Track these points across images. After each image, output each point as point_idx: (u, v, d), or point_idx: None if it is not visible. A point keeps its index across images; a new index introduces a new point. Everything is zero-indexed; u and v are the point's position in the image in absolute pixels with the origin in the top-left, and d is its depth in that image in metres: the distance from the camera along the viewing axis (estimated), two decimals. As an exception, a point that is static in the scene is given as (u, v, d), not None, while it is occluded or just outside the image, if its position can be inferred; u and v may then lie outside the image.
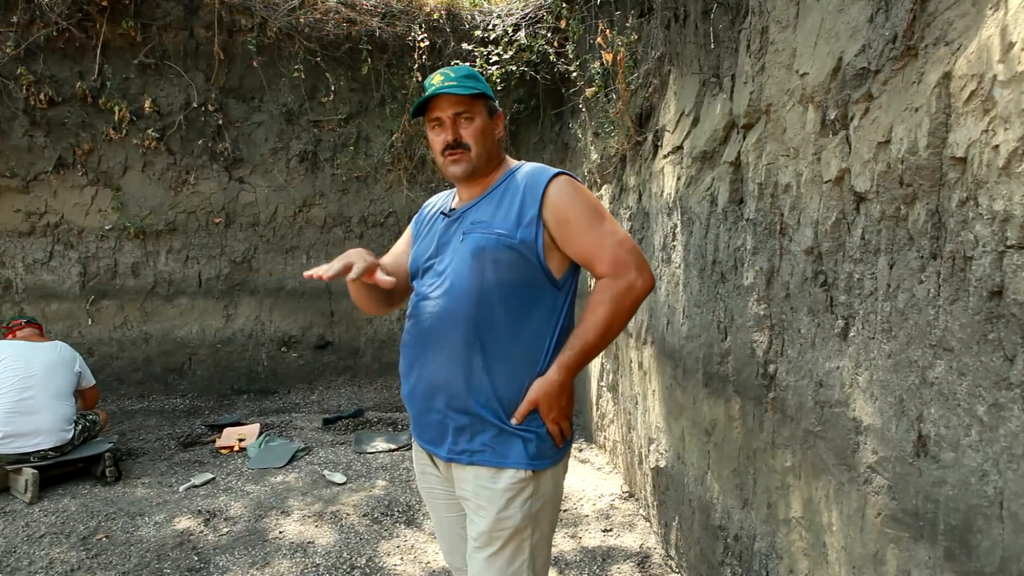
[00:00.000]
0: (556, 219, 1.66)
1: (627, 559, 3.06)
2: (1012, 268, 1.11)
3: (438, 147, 1.74)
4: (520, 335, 1.67)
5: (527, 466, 1.65)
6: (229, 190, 6.05)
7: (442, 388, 1.69)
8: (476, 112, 1.73)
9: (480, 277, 1.65)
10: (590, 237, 1.65)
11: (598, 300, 1.64)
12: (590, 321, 1.65)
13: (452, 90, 1.68)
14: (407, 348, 1.78)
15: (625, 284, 1.63)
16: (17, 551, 3.18)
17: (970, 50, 1.19)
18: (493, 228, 1.67)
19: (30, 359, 3.96)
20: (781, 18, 1.90)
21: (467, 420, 1.67)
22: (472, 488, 1.68)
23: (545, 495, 1.69)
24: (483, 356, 1.65)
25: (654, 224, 3.17)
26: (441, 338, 1.68)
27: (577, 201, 1.68)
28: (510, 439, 1.65)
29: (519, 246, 1.65)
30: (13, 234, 5.77)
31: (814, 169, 1.73)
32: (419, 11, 5.82)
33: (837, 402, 1.66)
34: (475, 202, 1.76)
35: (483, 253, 1.65)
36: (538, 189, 1.68)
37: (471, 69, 1.79)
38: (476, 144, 1.72)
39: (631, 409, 3.67)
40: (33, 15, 5.30)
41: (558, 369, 1.65)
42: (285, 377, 6.22)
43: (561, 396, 1.66)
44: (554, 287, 1.70)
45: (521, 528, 1.65)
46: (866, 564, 1.54)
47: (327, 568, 3.02)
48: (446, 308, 1.68)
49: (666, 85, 3.00)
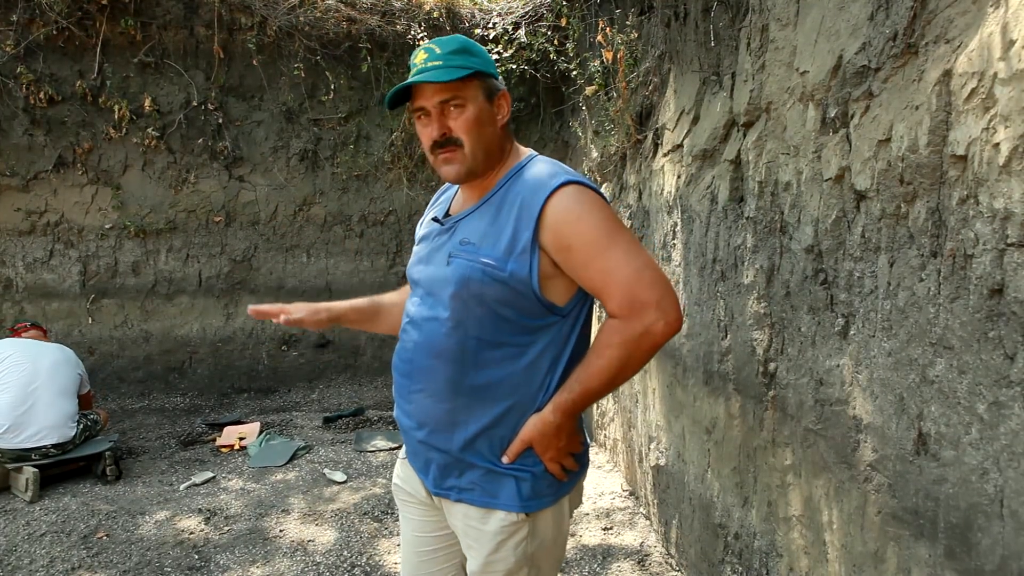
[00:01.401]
0: (556, 245, 1.37)
1: (627, 557, 3.06)
2: (1012, 266, 1.11)
3: (426, 143, 1.46)
4: (514, 373, 1.44)
5: (519, 508, 1.44)
6: (229, 189, 6.04)
7: (425, 425, 1.51)
8: (468, 97, 1.41)
9: (464, 311, 1.41)
10: (598, 267, 1.36)
11: (606, 343, 1.38)
12: (594, 366, 1.39)
13: (435, 76, 1.37)
14: (396, 373, 1.59)
15: (641, 328, 1.34)
16: (18, 550, 3.18)
17: (971, 48, 1.19)
18: (479, 256, 1.40)
19: (36, 356, 4.00)
20: (781, 16, 1.90)
21: (451, 460, 1.49)
22: (461, 526, 1.52)
23: (543, 536, 1.49)
24: (470, 397, 1.44)
25: (654, 222, 3.16)
26: (424, 374, 1.49)
27: (582, 222, 1.36)
28: (500, 479, 1.45)
29: (509, 280, 1.37)
30: (13, 233, 5.77)
31: (814, 167, 1.73)
32: (419, 9, 5.81)
33: (837, 400, 1.66)
34: (469, 211, 1.49)
35: (467, 286, 1.39)
36: (535, 206, 1.37)
37: (464, 40, 1.46)
38: (470, 138, 1.42)
39: (631, 407, 3.67)
40: (33, 14, 5.30)
41: (554, 411, 1.42)
42: (285, 376, 6.22)
43: (559, 436, 1.44)
44: (558, 315, 1.44)
45: (514, 571, 1.48)
46: (866, 562, 1.54)
47: (327, 567, 3.02)
48: (427, 340, 1.47)
49: (666, 83, 3.00)
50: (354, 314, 1.74)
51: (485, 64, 1.46)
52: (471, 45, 1.46)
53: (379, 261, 6.23)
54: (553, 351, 1.45)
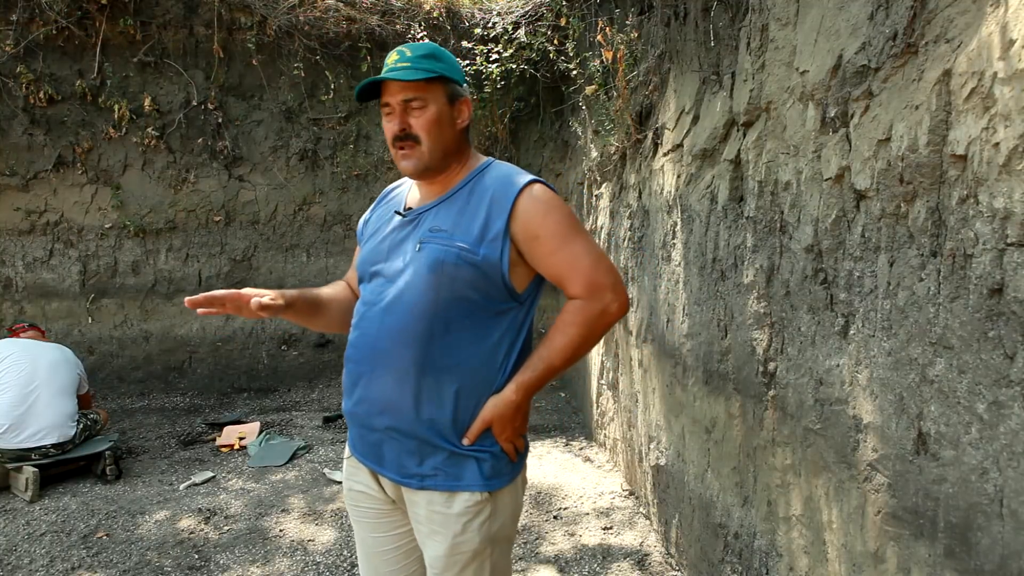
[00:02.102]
0: (525, 235, 1.51)
1: (627, 557, 3.07)
2: (1012, 266, 1.11)
3: (388, 137, 1.57)
4: (476, 354, 1.53)
5: (483, 488, 1.53)
6: (229, 188, 6.05)
7: (388, 410, 1.55)
8: (430, 98, 1.52)
9: (436, 293, 1.49)
10: (562, 256, 1.52)
11: (569, 321, 1.53)
12: (558, 343, 1.53)
13: (401, 75, 1.49)
14: (352, 362, 1.62)
15: (600, 307, 1.52)
16: (18, 549, 3.18)
17: (970, 47, 1.19)
18: (454, 240, 1.50)
19: (35, 356, 4.01)
20: (781, 15, 1.90)
21: (414, 444, 1.54)
22: (425, 513, 1.56)
23: (504, 514, 1.58)
24: (435, 378, 1.51)
25: (654, 222, 3.16)
26: (389, 356, 1.53)
27: (550, 216, 1.52)
28: (463, 461, 1.53)
29: (481, 263, 1.49)
30: (13, 232, 5.77)
31: (814, 167, 1.73)
32: (419, 9, 5.81)
33: (837, 400, 1.66)
34: (435, 203, 1.59)
35: (441, 268, 1.49)
36: (507, 200, 1.51)
37: (434, 46, 1.59)
38: (428, 136, 1.52)
39: (631, 407, 3.67)
40: (33, 13, 5.30)
41: (516, 389, 1.52)
42: (285, 375, 6.22)
43: (516, 417, 1.54)
44: (516, 302, 1.56)
45: (480, 550, 1.55)
46: (866, 562, 1.55)
47: (327, 566, 3.03)
48: (396, 324, 1.52)
49: (666, 83, 3.00)
50: (302, 304, 1.67)
51: (451, 70, 1.57)
52: (440, 52, 1.59)
53: (379, 261, 6.23)
54: (511, 336, 1.57)
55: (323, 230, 6.24)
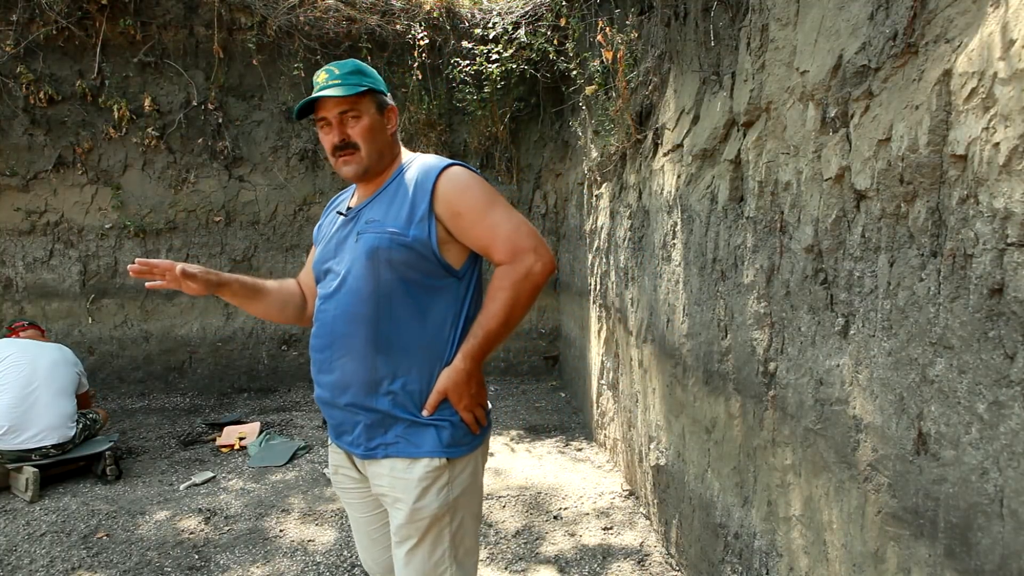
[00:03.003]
0: (448, 212, 1.64)
1: (627, 557, 3.07)
2: (1012, 266, 1.11)
3: (328, 148, 1.71)
4: (423, 329, 1.66)
5: (441, 454, 1.64)
6: (229, 188, 6.05)
7: (349, 388, 1.67)
8: (363, 110, 1.69)
9: (376, 277, 1.63)
10: (484, 226, 1.64)
11: (497, 287, 1.64)
12: (491, 309, 1.65)
13: (334, 92, 1.65)
14: (314, 351, 1.76)
15: (524, 269, 1.63)
16: (18, 549, 3.18)
17: (971, 47, 1.19)
18: (386, 227, 1.65)
19: (35, 356, 3.99)
20: (781, 15, 1.90)
21: (377, 417, 1.66)
22: (388, 481, 1.67)
23: (463, 483, 1.69)
24: (386, 355, 1.64)
25: (654, 222, 3.16)
26: (344, 339, 1.67)
27: (468, 192, 1.66)
28: (423, 429, 1.65)
29: (412, 243, 1.63)
30: (13, 233, 5.77)
31: (814, 167, 1.73)
32: (419, 9, 5.81)
33: (837, 400, 1.66)
34: (369, 200, 1.74)
35: (377, 253, 1.63)
36: (428, 184, 1.66)
37: (358, 63, 1.74)
38: (365, 142, 1.68)
39: (631, 407, 3.67)
40: (33, 13, 5.30)
41: (463, 358, 1.65)
42: (285, 375, 6.22)
43: (470, 383, 1.66)
44: (454, 278, 1.69)
45: (439, 516, 1.65)
46: (866, 562, 1.55)
47: (327, 566, 3.03)
48: (345, 309, 1.67)
49: (666, 83, 3.00)
50: (238, 286, 1.82)
51: (376, 83, 1.74)
52: (364, 67, 1.74)
53: (379, 261, 6.23)
54: (454, 309, 1.70)
55: (323, 230, 6.25)
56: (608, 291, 4.12)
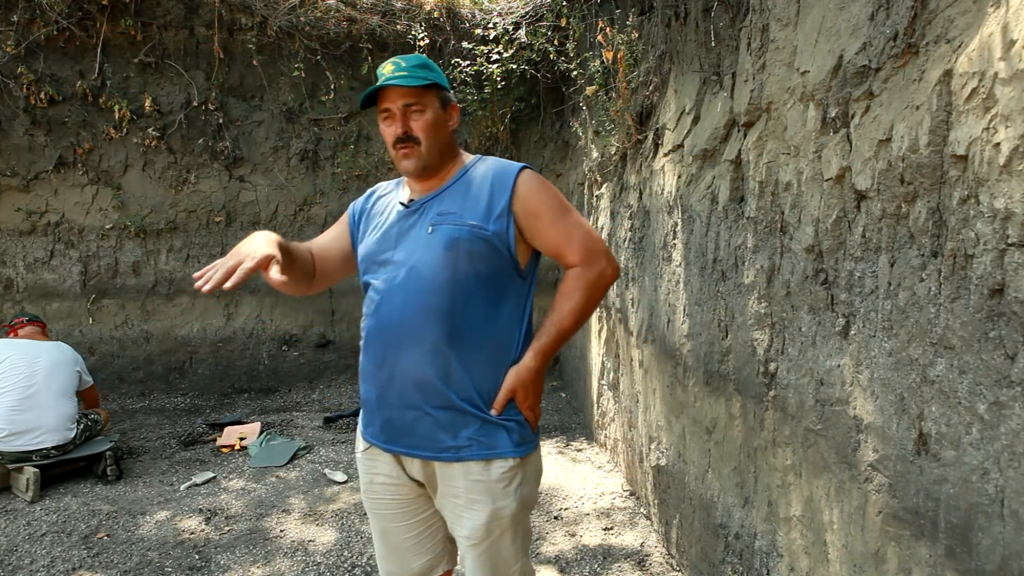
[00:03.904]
0: (526, 211, 1.66)
1: (628, 557, 3.07)
2: (1013, 266, 1.11)
3: (389, 139, 1.70)
4: (494, 326, 1.67)
5: (514, 453, 1.66)
6: (230, 189, 6.05)
7: (420, 385, 1.64)
8: (427, 104, 1.67)
9: (454, 269, 1.62)
10: (560, 228, 1.68)
11: (573, 287, 1.68)
12: (566, 307, 1.68)
13: (402, 81, 1.63)
14: (373, 347, 1.71)
15: (597, 272, 1.68)
16: (19, 550, 3.18)
17: (971, 48, 1.19)
18: (465, 219, 1.64)
19: (33, 357, 3.98)
20: (782, 16, 1.90)
21: (449, 415, 1.64)
22: (463, 484, 1.66)
23: (532, 479, 1.73)
24: (460, 349, 1.63)
25: (655, 222, 3.16)
26: (415, 333, 1.64)
27: (546, 193, 1.69)
28: (495, 430, 1.66)
29: (492, 237, 1.64)
30: (14, 233, 5.77)
31: (815, 167, 1.73)
32: (419, 9, 5.81)
33: (838, 400, 1.66)
34: (436, 193, 1.72)
35: (457, 244, 1.62)
36: (508, 181, 1.67)
37: (424, 58, 1.73)
38: (427, 138, 1.67)
39: (632, 407, 3.67)
40: (34, 14, 5.30)
41: (534, 355, 1.67)
42: (286, 376, 6.22)
43: (537, 383, 1.69)
44: (520, 277, 1.71)
45: (516, 514, 1.68)
46: (867, 562, 1.54)
47: (328, 567, 3.03)
48: (417, 301, 1.64)
49: (666, 83, 3.00)
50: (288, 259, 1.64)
51: (441, 79, 1.73)
52: (430, 62, 1.74)
53: (379, 261, 6.22)
54: (520, 308, 1.72)
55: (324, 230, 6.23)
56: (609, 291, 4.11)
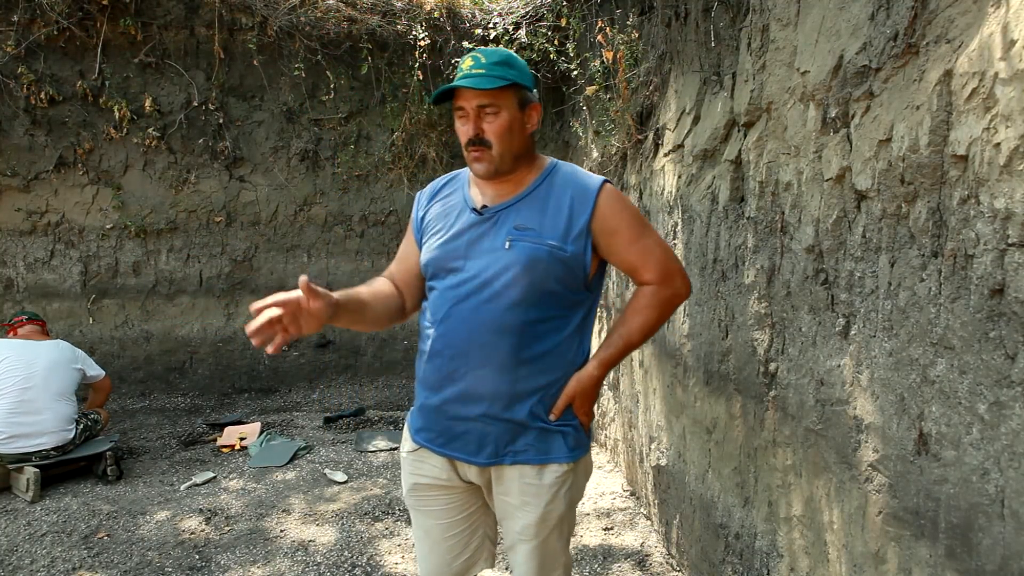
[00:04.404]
0: (604, 229, 1.65)
1: (628, 557, 3.06)
2: (1013, 266, 1.11)
3: (462, 139, 1.65)
4: (560, 339, 1.68)
5: (568, 459, 1.69)
6: (230, 189, 6.04)
7: (484, 398, 1.65)
8: (502, 105, 1.60)
9: (529, 288, 1.61)
10: (638, 247, 1.67)
11: (646, 304, 1.69)
12: (635, 323, 1.69)
13: (475, 83, 1.57)
14: (440, 356, 1.68)
15: (671, 292, 1.70)
16: (19, 549, 3.18)
17: (971, 48, 1.19)
18: (544, 239, 1.62)
19: (32, 359, 3.96)
20: (782, 16, 1.90)
21: (510, 427, 1.66)
22: (517, 486, 1.70)
23: (582, 481, 1.78)
24: (528, 366, 1.64)
25: (655, 222, 3.16)
26: (488, 349, 1.63)
27: (626, 211, 1.68)
28: (551, 435, 1.68)
29: (569, 259, 1.62)
30: (14, 233, 5.77)
31: (815, 167, 1.73)
32: (419, 9, 5.81)
33: (838, 400, 1.66)
34: (512, 202, 1.67)
35: (535, 264, 1.60)
36: (588, 198, 1.64)
37: (506, 53, 1.65)
38: (499, 142, 1.61)
39: (632, 407, 3.67)
40: (34, 14, 5.30)
41: (598, 365, 1.69)
42: (286, 376, 6.22)
43: (595, 391, 1.71)
44: (588, 291, 1.71)
45: (564, 514, 1.73)
46: (867, 562, 1.54)
47: (328, 567, 3.03)
48: (494, 318, 1.62)
49: (667, 83, 3.00)
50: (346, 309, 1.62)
51: (522, 77, 1.64)
52: (513, 59, 1.65)
53: (380, 261, 6.22)
54: (584, 319, 1.73)
55: (324, 231, 6.24)
56: (608, 291, 4.11)
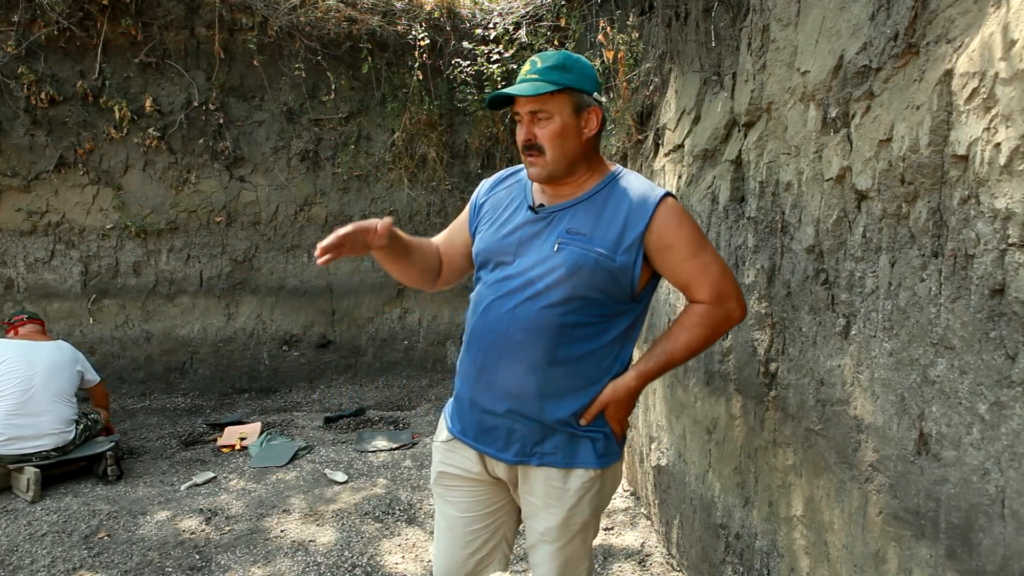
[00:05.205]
0: (659, 244, 1.61)
1: (628, 557, 3.06)
2: (1013, 266, 1.11)
3: (519, 143, 1.65)
4: (598, 348, 1.65)
5: (596, 465, 1.67)
6: (230, 189, 6.05)
7: (514, 397, 1.65)
8: (554, 110, 1.59)
9: (571, 292, 1.59)
10: (693, 264, 1.63)
11: (696, 323, 1.65)
12: (682, 340, 1.66)
13: (524, 91, 1.57)
14: (475, 349, 1.70)
15: (725, 313, 1.65)
16: (19, 550, 3.18)
17: (972, 48, 1.19)
18: (593, 246, 1.59)
19: (32, 360, 3.95)
20: (782, 16, 1.90)
21: (539, 427, 1.65)
22: (542, 488, 1.69)
23: (608, 489, 1.75)
24: (561, 368, 1.63)
25: (655, 222, 3.16)
26: (521, 347, 1.63)
27: (683, 228, 1.63)
28: (580, 440, 1.67)
29: (616, 270, 1.60)
30: (15, 233, 5.77)
31: (815, 167, 1.73)
32: (420, 10, 5.81)
33: (838, 400, 1.66)
34: (569, 204, 1.67)
35: (579, 270, 1.58)
36: (646, 210, 1.61)
37: (566, 56, 1.63)
38: (551, 148, 1.60)
39: (632, 408, 3.66)
40: (34, 14, 5.30)
41: (637, 377, 1.67)
42: (286, 376, 6.22)
43: (631, 401, 1.69)
44: (634, 301, 1.68)
45: (588, 520, 1.72)
46: (867, 562, 1.54)
47: (328, 567, 3.03)
48: (531, 317, 1.62)
49: (667, 83, 3.00)
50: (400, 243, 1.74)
51: (578, 81, 1.61)
52: (571, 62, 1.62)
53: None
54: (628, 329, 1.70)
55: (324, 231, 6.24)
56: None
